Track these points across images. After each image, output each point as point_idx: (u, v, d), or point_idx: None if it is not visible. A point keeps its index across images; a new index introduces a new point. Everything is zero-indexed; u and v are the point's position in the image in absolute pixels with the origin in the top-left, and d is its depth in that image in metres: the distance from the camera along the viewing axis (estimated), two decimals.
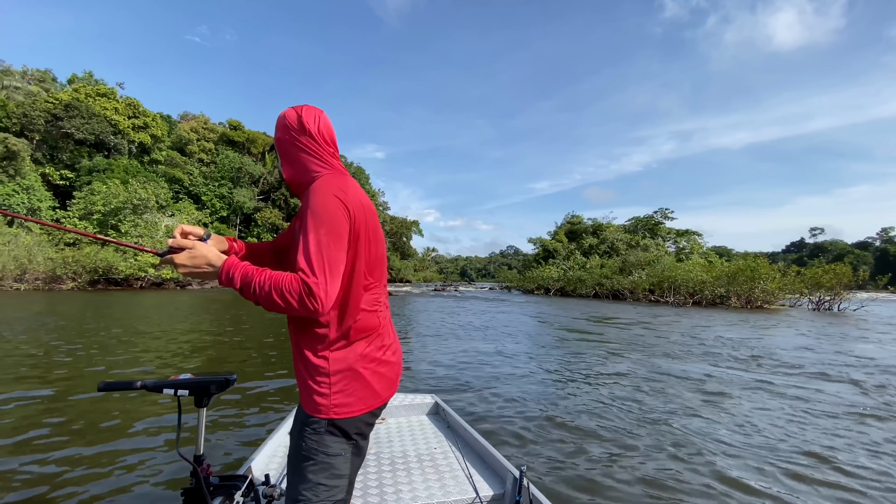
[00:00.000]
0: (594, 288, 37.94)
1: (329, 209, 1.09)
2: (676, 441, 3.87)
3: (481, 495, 1.95)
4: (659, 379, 6.26)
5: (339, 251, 1.09)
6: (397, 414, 3.04)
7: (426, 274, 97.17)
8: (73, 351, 7.25)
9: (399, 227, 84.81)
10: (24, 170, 33.13)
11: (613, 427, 4.21)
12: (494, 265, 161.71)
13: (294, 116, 1.26)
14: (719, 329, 13.63)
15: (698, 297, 29.65)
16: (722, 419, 4.52)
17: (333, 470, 1.14)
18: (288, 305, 1.02)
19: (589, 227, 52.58)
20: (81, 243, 32.48)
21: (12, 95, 38.29)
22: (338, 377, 1.15)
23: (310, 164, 1.24)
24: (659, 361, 7.61)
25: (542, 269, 46.66)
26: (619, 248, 46.08)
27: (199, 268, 1.09)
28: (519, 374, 6.42)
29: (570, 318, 16.32)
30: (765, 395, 5.54)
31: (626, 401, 5.10)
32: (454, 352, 8.26)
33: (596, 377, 6.30)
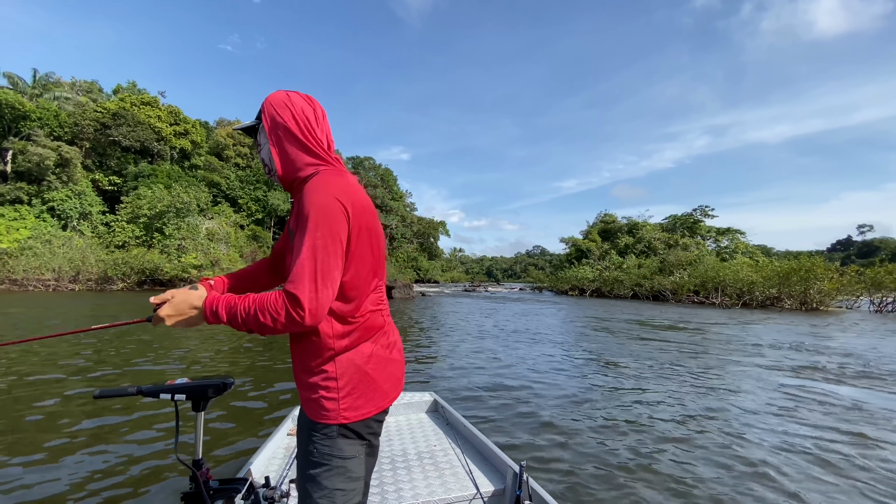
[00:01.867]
0: (632, 289, 36.83)
1: (327, 211, 1.02)
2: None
3: (482, 491, 1.96)
4: (753, 391, 5.77)
5: (336, 257, 1.02)
6: (396, 413, 3.04)
7: (453, 274, 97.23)
8: (101, 349, 7.41)
9: (426, 227, 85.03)
10: (76, 176, 34.73)
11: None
12: (521, 265, 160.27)
13: (306, 104, 1.17)
14: (785, 332, 12.79)
15: (747, 298, 28.28)
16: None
17: (349, 473, 1.11)
18: (276, 323, 0.97)
19: (624, 226, 51.14)
20: (130, 245, 33.81)
21: (63, 106, 40.22)
22: (346, 380, 1.11)
23: (307, 158, 1.14)
24: (762, 373, 7.07)
25: (577, 270, 45.66)
26: (657, 248, 44.58)
27: (183, 314, 1.04)
28: (612, 392, 6.02)
29: (624, 322, 15.68)
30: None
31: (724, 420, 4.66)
32: (511, 362, 7.91)
33: (698, 392, 5.85)
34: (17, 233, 29.42)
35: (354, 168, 73.28)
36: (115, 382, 5.44)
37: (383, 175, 78.06)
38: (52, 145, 33.03)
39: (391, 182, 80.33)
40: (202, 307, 1.03)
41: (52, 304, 17.77)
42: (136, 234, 34.83)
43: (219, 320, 1.01)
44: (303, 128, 1.15)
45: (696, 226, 47.60)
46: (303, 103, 1.18)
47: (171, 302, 1.05)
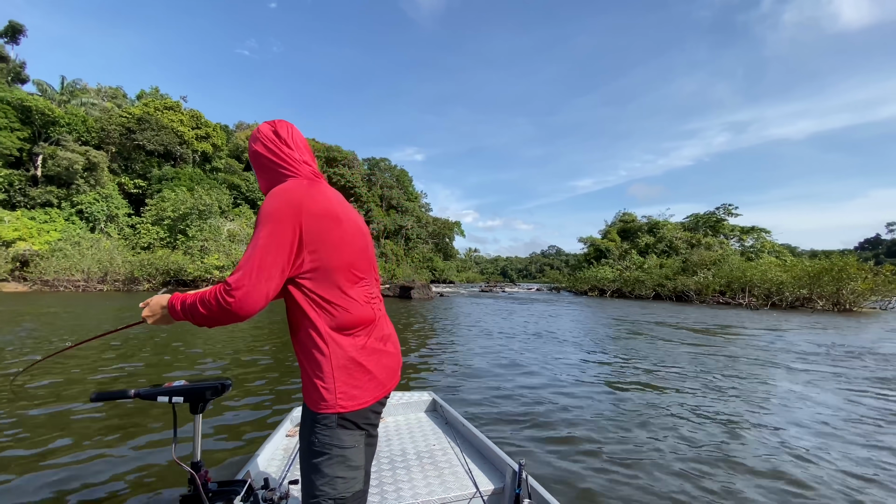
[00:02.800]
0: (654, 289, 36.16)
1: (274, 212, 1.11)
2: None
3: (481, 490, 1.96)
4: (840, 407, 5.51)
5: (276, 255, 1.09)
6: (395, 412, 3.05)
7: (468, 275, 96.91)
8: (101, 349, 7.41)
9: (441, 228, 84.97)
10: (103, 179, 35.60)
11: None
12: (536, 265, 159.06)
13: (267, 129, 1.32)
14: (826, 335, 12.32)
15: (776, 298, 27.48)
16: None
17: (349, 462, 1.16)
18: (210, 311, 1.07)
19: (644, 226, 50.31)
20: (155, 247, 34.51)
21: (90, 111, 41.27)
22: (341, 371, 1.17)
23: (281, 173, 1.27)
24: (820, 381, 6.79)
25: (596, 270, 45.07)
26: (679, 247, 43.74)
27: (156, 313, 1.18)
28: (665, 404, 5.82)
29: (654, 324, 15.34)
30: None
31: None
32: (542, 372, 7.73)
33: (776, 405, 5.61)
34: (48, 235, 30.26)
35: (370, 169, 73.67)
36: (114, 384, 5.41)
37: (399, 176, 78.32)
38: (81, 150, 33.90)
39: (406, 183, 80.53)
40: (167, 305, 1.16)
41: (85, 304, 18.18)
42: (161, 235, 35.54)
43: (177, 315, 1.14)
44: (269, 148, 1.30)
45: (720, 225, 46.56)
46: (266, 129, 1.33)
47: (149, 304, 1.20)
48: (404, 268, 64.22)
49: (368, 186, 67.56)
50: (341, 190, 61.38)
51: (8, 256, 26.98)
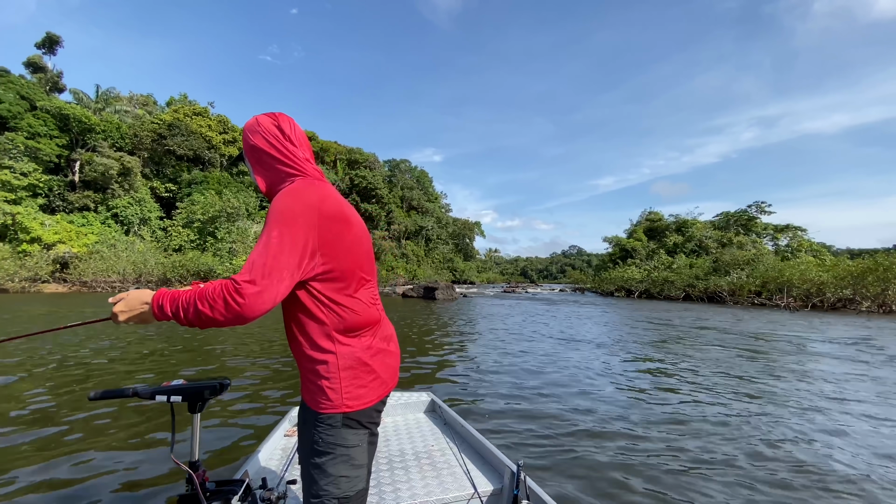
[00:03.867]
0: (684, 290, 35.10)
1: (287, 214, 1.08)
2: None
3: (479, 491, 1.95)
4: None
5: (288, 256, 1.05)
6: (394, 412, 3.04)
7: (489, 275, 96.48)
8: (102, 351, 7.41)
9: (461, 228, 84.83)
10: (137, 184, 36.76)
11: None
12: (557, 266, 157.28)
13: (269, 123, 1.26)
14: (885, 338, 11.61)
15: (816, 299, 26.27)
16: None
17: (353, 461, 1.17)
18: (213, 311, 0.99)
19: (671, 224, 48.98)
20: (185, 249, 35.42)
21: (123, 118, 42.73)
22: (347, 371, 1.17)
23: (285, 171, 1.23)
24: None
25: (622, 270, 44.08)
26: (709, 247, 42.40)
27: (133, 310, 1.06)
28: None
29: (695, 328, 14.80)
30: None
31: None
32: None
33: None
34: (86, 238, 31.37)
35: (391, 170, 74.12)
36: (113, 383, 5.39)
37: (419, 177, 78.56)
38: (115, 156, 35.09)
39: (427, 184, 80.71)
40: (150, 302, 1.05)
41: None
42: (191, 237, 36.47)
43: (164, 314, 1.03)
44: (273, 144, 1.24)
45: (752, 223, 44.92)
46: (268, 122, 1.27)
47: (125, 299, 1.07)
48: (425, 268, 64.30)
49: (389, 188, 67.92)
50: (363, 191, 61.87)
51: (49, 258, 28.07)
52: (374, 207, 62.11)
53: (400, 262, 59.38)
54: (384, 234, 60.59)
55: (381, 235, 59.70)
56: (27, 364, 6.28)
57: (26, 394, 4.82)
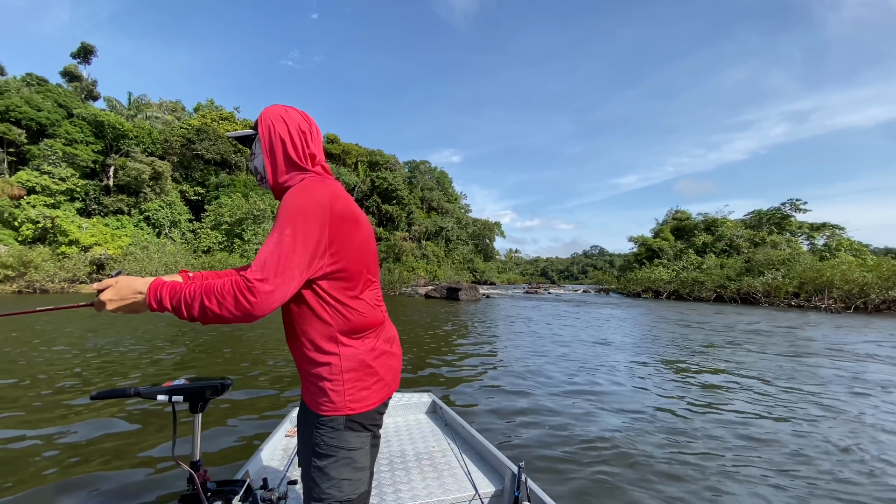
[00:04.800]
0: (715, 290, 34.00)
1: (301, 212, 1.06)
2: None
3: (480, 492, 1.94)
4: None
5: (300, 255, 1.03)
6: (395, 413, 3.03)
7: (509, 276, 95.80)
8: (105, 350, 7.40)
9: (481, 228, 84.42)
10: (167, 188, 37.78)
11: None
12: (578, 266, 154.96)
13: (299, 117, 1.23)
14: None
15: (859, 301, 25.03)
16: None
17: (355, 463, 1.15)
18: (221, 308, 0.96)
19: (700, 223, 47.59)
20: (214, 250, 36.20)
21: (154, 124, 43.99)
22: (351, 373, 1.16)
23: (295, 166, 1.21)
24: None
25: (650, 270, 43.03)
26: (741, 246, 41.01)
27: (125, 299, 1.01)
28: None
29: (741, 332, 14.22)
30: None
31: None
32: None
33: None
34: (120, 240, 32.37)
35: (411, 172, 74.30)
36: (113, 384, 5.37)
37: (439, 178, 78.55)
38: (147, 161, 36.12)
39: (446, 184, 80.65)
40: (146, 292, 0.99)
41: None
42: (219, 239, 37.26)
43: (162, 306, 0.98)
44: (297, 141, 1.20)
45: (786, 221, 43.29)
46: (299, 119, 1.23)
47: (114, 286, 1.02)
48: (445, 269, 64.15)
49: (410, 189, 68.10)
50: (384, 193, 62.19)
51: (86, 260, 29.04)
52: (395, 208, 62.34)
53: (420, 262, 59.43)
54: (404, 235, 60.74)
55: (402, 236, 59.85)
56: (28, 363, 6.25)
57: (28, 394, 4.82)
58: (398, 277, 39.84)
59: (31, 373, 5.71)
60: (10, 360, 6.48)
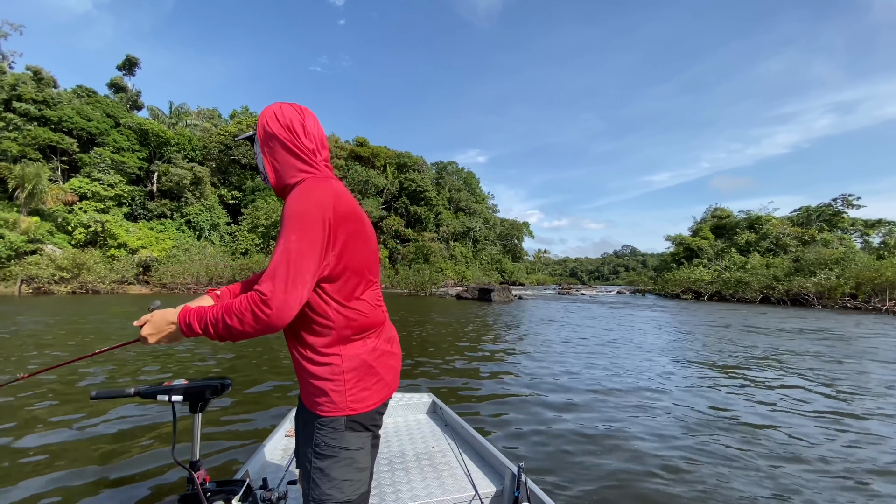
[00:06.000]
0: (761, 291, 32.35)
1: (304, 217, 1.06)
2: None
3: (480, 492, 1.93)
4: None
5: (309, 260, 1.04)
6: (394, 414, 3.02)
7: (538, 276, 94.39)
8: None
9: (509, 229, 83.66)
10: (207, 192, 39.12)
11: None
12: (609, 266, 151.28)
13: (293, 112, 1.21)
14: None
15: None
16: None
17: (356, 464, 1.16)
18: (243, 324, 0.99)
19: (742, 221, 45.50)
20: (251, 252, 37.22)
21: (193, 131, 45.68)
22: (352, 373, 1.15)
23: (296, 166, 1.20)
24: None
25: (689, 271, 41.43)
26: (788, 245, 38.93)
27: (162, 331, 1.07)
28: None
29: (844, 341, 13.39)
30: None
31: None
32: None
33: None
34: (164, 243, 33.71)
35: (438, 173, 74.44)
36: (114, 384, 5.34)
37: (466, 178, 78.39)
38: (188, 166, 37.51)
39: (474, 185, 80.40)
40: (177, 321, 1.05)
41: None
42: (256, 241, 38.28)
43: (193, 331, 1.03)
44: (291, 137, 1.19)
45: (837, 218, 40.82)
46: (292, 113, 1.21)
47: (151, 321, 1.08)
48: (473, 270, 63.83)
49: (437, 190, 68.19)
50: (412, 194, 62.50)
51: (133, 262, 30.37)
52: (423, 209, 62.54)
53: (448, 263, 59.36)
54: (433, 236, 60.83)
55: (430, 237, 59.96)
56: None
57: (29, 393, 4.86)
58: (428, 279, 39.85)
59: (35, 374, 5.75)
60: (18, 359, 6.63)
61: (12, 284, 25.22)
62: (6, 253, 25.35)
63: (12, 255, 25.75)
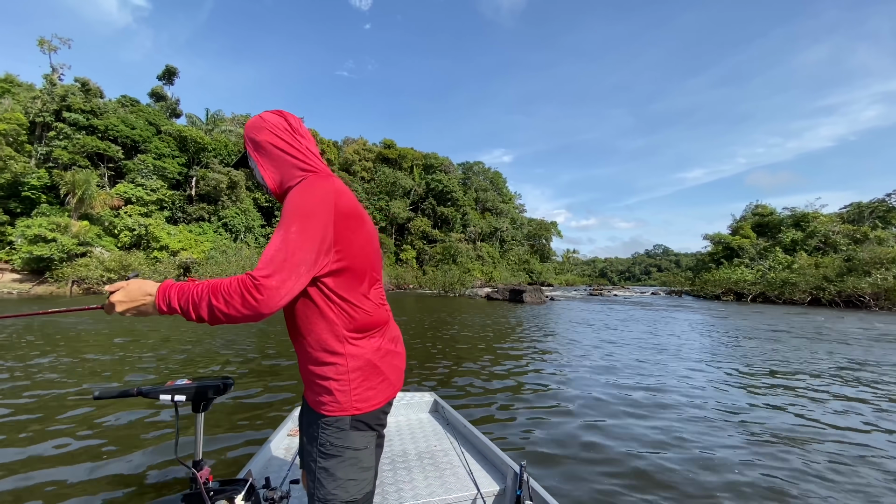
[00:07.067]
0: (811, 292, 30.61)
1: (306, 207, 1.06)
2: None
3: (482, 491, 1.93)
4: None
5: (306, 252, 1.02)
6: (397, 413, 3.01)
7: (567, 277, 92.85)
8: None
9: (537, 229, 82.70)
10: (242, 196, 40.27)
11: None
12: (640, 266, 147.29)
13: (275, 117, 1.23)
14: None
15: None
16: None
17: (361, 463, 1.15)
18: (228, 306, 0.95)
19: (786, 219, 43.29)
20: None
21: (228, 137, 47.08)
22: (357, 373, 1.15)
23: (292, 169, 1.20)
24: None
25: (729, 271, 39.72)
26: (838, 243, 36.76)
27: (136, 301, 1.00)
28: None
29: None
30: None
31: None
32: None
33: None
34: (202, 245, 34.88)
35: (465, 173, 74.25)
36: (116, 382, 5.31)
37: (493, 178, 77.84)
38: (224, 171, 38.68)
39: (501, 185, 79.77)
40: (155, 294, 0.99)
41: None
42: None
43: (171, 308, 0.98)
44: (283, 138, 1.19)
45: (892, 214, 38.28)
46: (274, 118, 1.21)
47: (125, 288, 1.01)
48: (501, 270, 63.32)
49: (464, 190, 68.00)
50: (439, 195, 62.55)
51: (175, 264, 31.53)
52: (450, 210, 62.49)
53: (475, 263, 59.05)
54: (460, 237, 60.67)
55: (458, 238, 59.82)
56: (38, 368, 6.17)
57: (30, 393, 4.85)
58: (457, 279, 39.67)
59: (38, 374, 5.78)
60: (25, 364, 6.67)
61: (64, 285, 26.61)
62: (59, 255, 26.76)
63: (64, 258, 27.15)
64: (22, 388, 5.09)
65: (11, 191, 29.61)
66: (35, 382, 5.33)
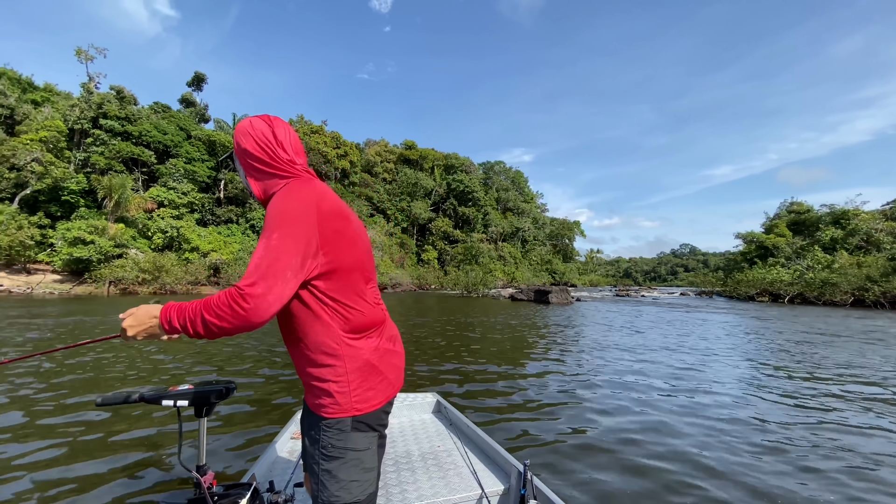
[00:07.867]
0: (853, 293, 29.16)
1: (287, 213, 1.06)
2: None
3: (486, 491, 1.93)
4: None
5: (291, 257, 1.02)
6: (399, 414, 2.99)
7: (591, 277, 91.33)
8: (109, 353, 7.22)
9: (559, 228, 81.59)
10: None
11: None
12: (666, 266, 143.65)
13: (262, 125, 1.22)
14: None
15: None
16: None
17: (363, 464, 1.15)
18: (220, 319, 0.98)
19: (825, 216, 41.43)
20: None
21: None
22: (356, 374, 1.15)
23: (276, 176, 1.21)
24: None
25: (764, 271, 38.25)
26: (881, 241, 34.95)
27: (143, 324, 1.05)
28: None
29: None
30: None
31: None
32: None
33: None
34: (231, 246, 35.71)
35: (486, 173, 73.92)
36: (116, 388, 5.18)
37: (514, 178, 77.27)
38: None
39: (522, 184, 79.12)
40: (159, 316, 1.04)
41: None
42: None
43: (172, 327, 1.02)
44: (265, 149, 1.19)
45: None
46: (262, 126, 1.21)
47: (134, 314, 1.06)
48: (523, 270, 62.74)
49: (485, 190, 67.71)
50: (460, 195, 62.44)
51: (205, 265, 32.37)
52: (471, 210, 62.32)
53: (497, 264, 58.67)
54: (482, 237, 60.40)
55: (479, 238, 59.57)
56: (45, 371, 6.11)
57: (35, 396, 4.83)
58: (480, 279, 39.44)
59: (40, 377, 5.74)
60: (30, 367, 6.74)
61: (102, 285, 27.62)
62: (97, 257, 27.81)
63: (102, 259, 28.20)
64: (25, 393, 4.96)
65: (52, 195, 31.00)
66: (45, 387, 5.28)
